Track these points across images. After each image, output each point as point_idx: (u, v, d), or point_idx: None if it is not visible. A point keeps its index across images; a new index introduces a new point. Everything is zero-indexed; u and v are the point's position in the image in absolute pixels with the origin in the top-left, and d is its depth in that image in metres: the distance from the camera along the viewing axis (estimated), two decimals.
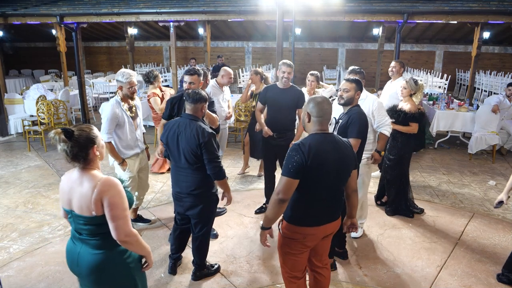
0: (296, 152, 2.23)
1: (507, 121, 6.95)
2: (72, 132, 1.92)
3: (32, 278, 3.37)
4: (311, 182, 2.28)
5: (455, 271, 3.49)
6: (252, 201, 4.93)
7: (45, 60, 16.91)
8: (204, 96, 3.08)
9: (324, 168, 2.27)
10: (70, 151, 1.92)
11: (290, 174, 2.22)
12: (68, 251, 2.13)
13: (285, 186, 2.23)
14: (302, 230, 2.38)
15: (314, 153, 2.23)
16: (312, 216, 2.37)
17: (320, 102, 2.36)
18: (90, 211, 1.92)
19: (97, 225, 1.96)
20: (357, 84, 3.23)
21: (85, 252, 2.02)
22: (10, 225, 4.34)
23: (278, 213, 2.31)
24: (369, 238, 4.05)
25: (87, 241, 2.02)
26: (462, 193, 5.25)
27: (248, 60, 16.53)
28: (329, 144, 2.31)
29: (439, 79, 12.67)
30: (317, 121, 2.35)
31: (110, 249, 2.01)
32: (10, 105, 8.44)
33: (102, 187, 1.90)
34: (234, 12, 8.33)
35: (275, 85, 4.37)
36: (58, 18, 8.72)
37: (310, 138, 2.31)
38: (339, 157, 2.32)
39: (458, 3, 7.83)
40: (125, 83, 3.64)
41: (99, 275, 2.02)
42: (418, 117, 4.22)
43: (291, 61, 4.36)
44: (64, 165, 6.31)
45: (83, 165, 1.97)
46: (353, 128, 3.12)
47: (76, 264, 2.07)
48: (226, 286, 3.28)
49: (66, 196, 2.01)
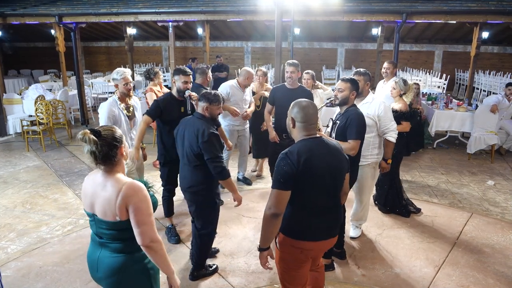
0: (284, 161, 2.11)
1: (506, 121, 6.95)
2: (100, 132, 1.89)
3: (30, 279, 3.37)
4: (306, 191, 2.16)
5: (453, 271, 3.48)
6: (251, 201, 4.93)
7: (44, 60, 16.89)
8: (208, 96, 3.08)
9: (317, 174, 2.15)
10: (100, 151, 1.86)
11: (280, 186, 2.10)
12: (88, 257, 2.09)
13: (276, 199, 2.10)
14: (299, 244, 2.24)
15: (304, 160, 2.10)
16: (310, 229, 2.24)
17: (305, 107, 2.25)
18: (114, 216, 1.88)
19: (120, 230, 1.92)
20: (352, 83, 3.17)
21: (105, 256, 1.98)
22: (8, 225, 4.33)
23: (273, 230, 2.17)
24: (367, 238, 4.05)
25: (107, 244, 1.98)
26: (460, 193, 5.25)
27: (247, 60, 16.53)
28: (319, 149, 2.19)
29: (438, 79, 12.67)
30: (302, 127, 2.23)
31: (130, 253, 1.98)
32: (9, 105, 8.43)
33: (127, 192, 1.85)
34: (233, 12, 8.32)
35: (283, 85, 4.45)
36: (57, 18, 8.70)
37: (298, 145, 2.19)
38: (331, 161, 2.21)
39: (457, 3, 7.83)
40: (119, 80, 3.66)
41: (117, 279, 1.97)
42: (409, 116, 4.29)
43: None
44: (62, 166, 6.30)
45: (110, 166, 1.92)
46: (352, 129, 3.08)
47: (95, 270, 2.02)
48: (224, 286, 3.28)
49: (88, 200, 1.97)
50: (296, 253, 2.27)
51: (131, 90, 3.79)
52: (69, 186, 5.45)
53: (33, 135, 7.38)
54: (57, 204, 4.89)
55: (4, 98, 8.46)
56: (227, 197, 5.05)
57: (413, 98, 6.36)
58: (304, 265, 2.34)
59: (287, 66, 4.31)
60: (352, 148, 3.06)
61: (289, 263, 2.32)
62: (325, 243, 2.33)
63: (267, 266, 2.29)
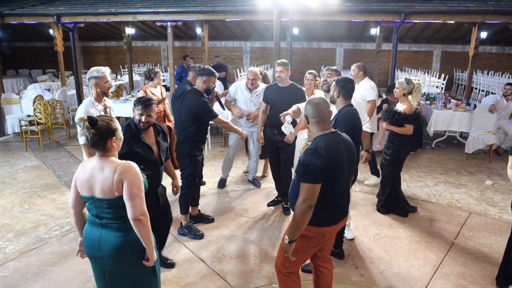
0: (314, 156, 2.25)
1: (504, 121, 6.96)
2: (96, 121, 2.10)
3: (28, 279, 3.36)
4: (330, 182, 2.32)
5: (451, 271, 3.49)
6: (250, 201, 4.93)
7: (42, 60, 16.85)
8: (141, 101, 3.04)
9: (340, 166, 2.34)
10: (91, 138, 2.08)
11: (313, 180, 2.24)
12: (87, 238, 2.24)
13: (310, 193, 2.25)
14: (320, 230, 2.44)
15: (332, 154, 2.28)
16: (330, 216, 2.45)
17: (317, 103, 2.41)
18: (112, 193, 2.08)
19: (119, 207, 2.10)
20: (337, 83, 3.19)
21: (108, 235, 2.15)
22: (6, 226, 4.33)
23: (307, 221, 2.31)
24: (365, 238, 4.05)
25: (109, 225, 2.16)
26: (459, 193, 5.26)
27: (246, 60, 16.53)
28: (339, 142, 2.38)
29: (437, 79, 12.70)
30: (316, 122, 2.38)
31: (132, 231, 2.12)
32: (7, 105, 8.41)
33: (122, 169, 2.08)
34: (231, 12, 8.31)
35: (275, 84, 4.53)
36: (55, 17, 8.68)
37: (323, 140, 2.33)
38: (348, 154, 2.41)
39: (455, 3, 7.84)
40: (100, 78, 3.45)
41: (122, 256, 2.16)
42: (412, 119, 4.18)
43: (288, 61, 4.43)
44: (61, 165, 6.30)
45: (101, 152, 2.13)
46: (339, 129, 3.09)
47: (97, 249, 2.17)
48: (222, 286, 3.28)
49: (86, 184, 2.14)
50: (318, 238, 2.48)
51: (110, 88, 3.62)
52: (67, 186, 5.44)
53: (32, 135, 7.37)
54: (56, 204, 4.89)
55: (2, 98, 8.45)
56: (225, 198, 5.06)
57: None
58: (315, 249, 2.58)
59: (276, 66, 4.43)
60: None
61: (304, 248, 2.48)
62: (339, 224, 2.56)
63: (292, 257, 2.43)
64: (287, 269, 2.56)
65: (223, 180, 5.39)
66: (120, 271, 2.24)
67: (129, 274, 2.25)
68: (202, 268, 3.52)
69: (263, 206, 4.77)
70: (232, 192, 5.25)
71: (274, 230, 4.21)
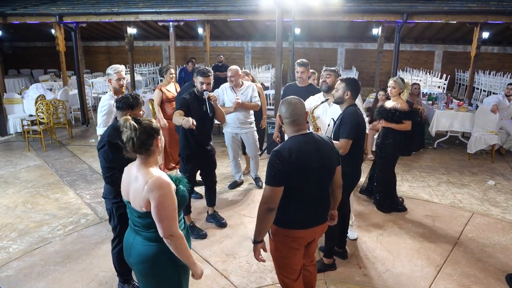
0: (276, 158, 2.19)
1: (506, 121, 6.95)
2: (140, 120, 2.00)
3: (32, 278, 3.37)
4: (296, 185, 2.25)
5: (455, 271, 3.49)
6: (252, 200, 4.94)
7: (44, 60, 16.88)
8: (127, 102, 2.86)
9: (307, 169, 2.23)
10: (138, 138, 1.95)
11: (274, 183, 2.19)
12: (125, 240, 2.20)
13: (270, 195, 2.21)
14: (291, 233, 2.35)
15: (295, 156, 2.19)
16: (300, 219, 2.34)
17: (291, 103, 2.31)
18: (141, 207, 1.98)
19: (149, 220, 2.01)
20: (347, 83, 3.17)
21: (137, 243, 2.09)
22: (9, 225, 4.33)
23: (267, 224, 2.28)
24: (368, 238, 4.05)
25: (140, 232, 2.08)
26: (461, 193, 5.26)
27: (248, 60, 16.53)
28: (309, 144, 2.27)
29: (438, 79, 12.67)
30: (289, 123, 2.29)
31: (162, 242, 2.02)
32: (9, 104, 8.42)
33: (151, 186, 1.91)
34: (233, 11, 8.32)
35: (294, 83, 4.62)
36: (57, 17, 8.69)
37: (289, 142, 2.26)
38: (321, 156, 2.28)
39: (457, 3, 7.84)
40: (113, 75, 3.73)
41: (148, 266, 2.07)
42: (411, 115, 4.35)
43: (292, 60, 4.45)
44: (63, 165, 6.30)
45: (144, 156, 2.00)
46: (344, 129, 3.08)
47: (129, 254, 2.13)
48: (226, 285, 3.28)
49: (125, 188, 2.09)
50: (289, 242, 2.38)
51: (123, 86, 3.84)
52: (70, 185, 5.45)
53: (34, 135, 7.38)
54: (58, 203, 4.90)
55: (4, 97, 8.46)
56: (227, 197, 5.06)
57: (413, 97, 6.41)
58: (297, 253, 2.43)
59: (297, 66, 4.49)
60: (341, 147, 3.03)
61: (283, 252, 2.42)
62: (315, 230, 2.42)
63: (261, 259, 2.39)
64: (285, 277, 2.51)
65: (235, 182, 5.43)
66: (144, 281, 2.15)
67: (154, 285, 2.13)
68: (206, 267, 3.50)
69: None
70: (235, 191, 5.25)
71: None
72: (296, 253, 2.43)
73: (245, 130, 5.00)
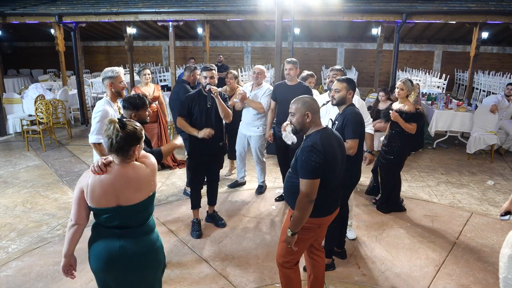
0: (313, 153, 2.33)
1: (506, 121, 6.96)
2: (126, 125, 2.05)
3: (31, 278, 3.37)
4: (327, 176, 2.42)
5: (453, 271, 3.50)
6: (251, 200, 4.94)
7: (43, 60, 16.87)
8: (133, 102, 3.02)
9: (335, 160, 2.44)
10: (117, 142, 2.00)
11: (313, 176, 2.33)
12: (100, 252, 2.13)
13: (312, 188, 2.34)
14: (318, 221, 2.56)
15: (327, 149, 2.38)
16: (327, 206, 2.56)
17: (313, 99, 2.54)
18: (150, 191, 2.11)
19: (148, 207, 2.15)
20: (348, 83, 3.18)
21: (129, 244, 2.09)
22: (8, 225, 4.33)
23: (308, 215, 2.42)
24: (367, 238, 4.06)
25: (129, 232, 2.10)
26: (460, 193, 5.26)
27: (247, 60, 16.53)
28: (331, 137, 2.49)
29: (438, 79, 12.67)
30: (315, 118, 2.47)
31: (151, 232, 2.18)
32: (8, 104, 8.42)
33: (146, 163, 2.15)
34: (233, 11, 8.32)
35: (284, 82, 4.61)
36: (57, 17, 8.69)
37: (318, 136, 2.41)
38: (341, 148, 2.53)
39: (456, 3, 7.84)
40: (115, 78, 3.46)
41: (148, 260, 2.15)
42: (418, 117, 4.29)
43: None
44: (63, 165, 6.30)
45: (123, 158, 2.06)
46: (348, 129, 3.11)
47: (119, 260, 2.09)
48: (225, 285, 3.29)
49: (109, 196, 2.02)
50: (315, 229, 2.59)
51: (125, 88, 3.62)
52: (69, 185, 5.45)
53: (33, 135, 7.38)
54: (58, 203, 4.90)
55: (4, 97, 8.46)
56: (227, 197, 5.06)
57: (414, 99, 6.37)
58: (313, 239, 2.68)
59: (285, 64, 4.52)
60: (350, 147, 3.07)
61: (303, 240, 2.57)
62: (333, 214, 2.68)
63: (295, 248, 2.51)
64: (288, 261, 2.64)
65: (236, 182, 5.44)
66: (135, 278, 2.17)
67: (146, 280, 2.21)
68: (205, 267, 3.52)
69: (266, 206, 4.78)
70: (235, 191, 5.25)
71: (276, 229, 4.21)
72: (314, 237, 2.66)
73: (252, 133, 4.94)
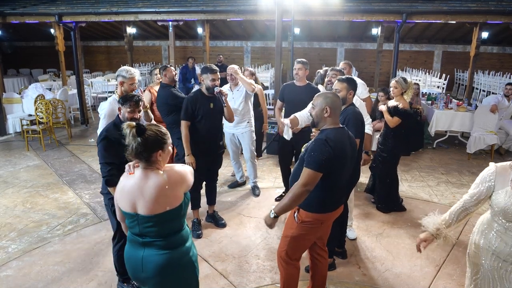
0: (325, 147, 2.36)
1: (506, 121, 6.96)
2: (145, 130, 1.90)
3: (31, 278, 3.37)
4: (334, 173, 2.45)
5: (454, 270, 3.49)
6: (252, 200, 4.93)
7: (43, 60, 16.85)
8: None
9: (344, 158, 2.47)
10: (135, 148, 1.89)
11: (318, 168, 2.34)
12: (129, 259, 2.07)
13: (312, 179, 2.35)
14: (321, 217, 2.56)
15: (339, 147, 2.40)
16: (332, 202, 2.57)
17: (336, 95, 2.57)
18: (164, 208, 1.92)
19: (165, 223, 1.96)
20: (349, 83, 3.19)
21: (150, 254, 1.98)
22: (8, 225, 4.33)
23: (299, 203, 2.42)
24: (368, 238, 4.05)
25: (151, 243, 1.98)
26: (460, 193, 5.26)
27: (247, 60, 16.53)
28: (344, 136, 2.51)
29: (438, 79, 12.68)
30: (335, 114, 2.49)
31: (175, 248, 2.01)
32: (8, 104, 8.42)
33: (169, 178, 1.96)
34: (233, 11, 8.32)
35: (292, 82, 4.59)
36: (57, 17, 8.69)
37: (332, 133, 2.44)
38: (352, 148, 2.55)
39: (456, 3, 7.84)
40: (127, 78, 3.45)
41: (166, 275, 2.00)
42: (402, 114, 4.27)
43: (292, 60, 4.45)
44: (62, 165, 6.30)
45: (144, 164, 1.94)
46: (350, 129, 3.08)
47: (140, 270, 2.01)
48: (225, 285, 3.28)
49: (129, 200, 1.96)
50: (317, 225, 2.58)
51: (135, 90, 3.69)
52: (69, 185, 5.44)
53: (33, 135, 7.37)
54: (58, 203, 4.89)
55: (3, 97, 8.45)
56: (227, 197, 5.06)
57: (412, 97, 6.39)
58: (316, 236, 2.70)
59: (295, 64, 4.51)
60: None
61: (304, 234, 2.60)
62: (338, 210, 2.68)
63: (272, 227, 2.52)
64: (290, 257, 2.65)
65: (236, 182, 5.44)
66: None
67: None
68: (205, 267, 3.52)
69: (266, 206, 4.77)
70: (235, 192, 5.25)
71: (276, 229, 4.21)
72: (316, 233, 2.66)
73: (241, 130, 4.94)
